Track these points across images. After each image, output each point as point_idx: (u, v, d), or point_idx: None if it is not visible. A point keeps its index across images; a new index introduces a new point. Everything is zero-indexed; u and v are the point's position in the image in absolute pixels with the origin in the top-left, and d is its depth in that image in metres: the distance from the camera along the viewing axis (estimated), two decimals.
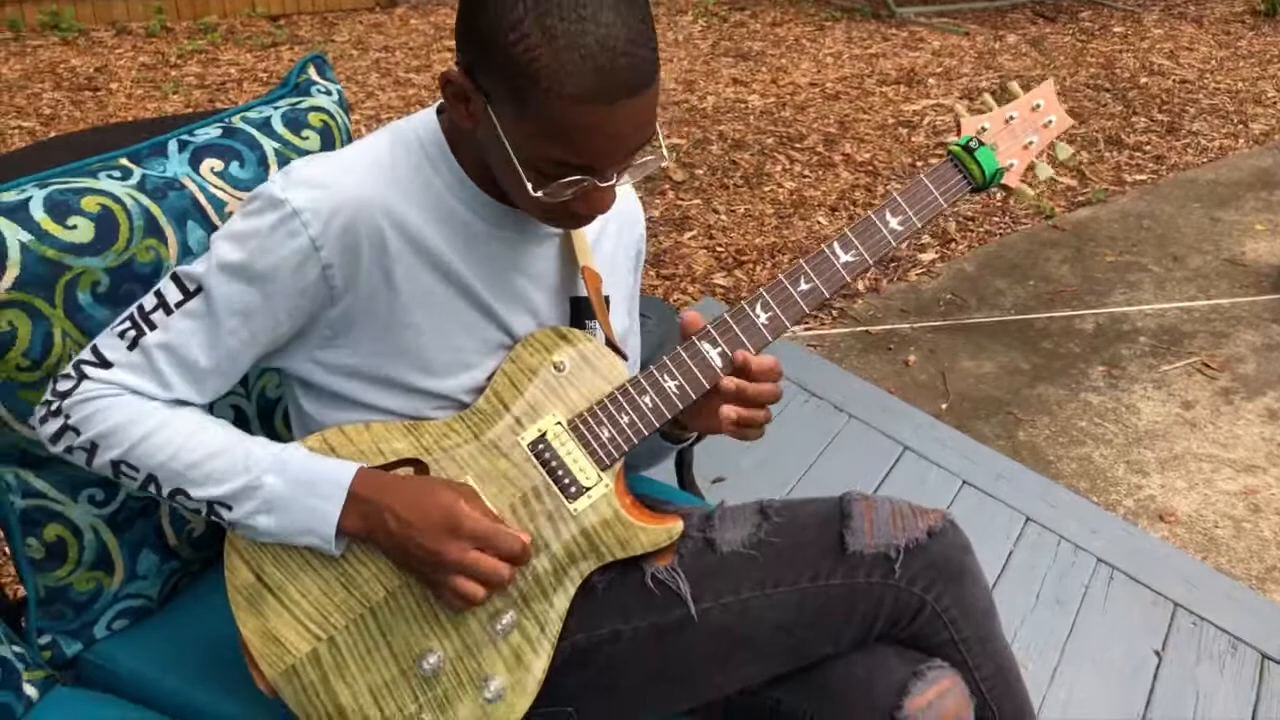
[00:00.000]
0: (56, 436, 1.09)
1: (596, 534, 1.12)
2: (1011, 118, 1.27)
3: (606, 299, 1.24)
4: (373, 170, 1.07)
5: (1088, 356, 3.20)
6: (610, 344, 1.17)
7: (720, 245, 3.70)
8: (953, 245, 3.81)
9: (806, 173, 4.28)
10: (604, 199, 1.03)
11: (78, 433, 1.08)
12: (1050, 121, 1.29)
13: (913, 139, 4.60)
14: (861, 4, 6.51)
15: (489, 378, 1.14)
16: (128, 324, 1.09)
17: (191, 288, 1.07)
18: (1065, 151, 1.32)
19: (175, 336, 1.07)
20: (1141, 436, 2.84)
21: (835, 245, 1.17)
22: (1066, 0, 6.83)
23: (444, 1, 6.59)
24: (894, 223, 1.18)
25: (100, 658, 1.30)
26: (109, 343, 1.09)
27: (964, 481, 2.38)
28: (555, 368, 1.13)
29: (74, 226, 1.17)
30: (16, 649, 1.23)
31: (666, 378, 1.13)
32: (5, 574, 1.39)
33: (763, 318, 1.14)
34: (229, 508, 1.07)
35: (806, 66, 5.46)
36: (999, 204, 4.08)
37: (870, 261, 1.17)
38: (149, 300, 1.09)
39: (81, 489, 1.23)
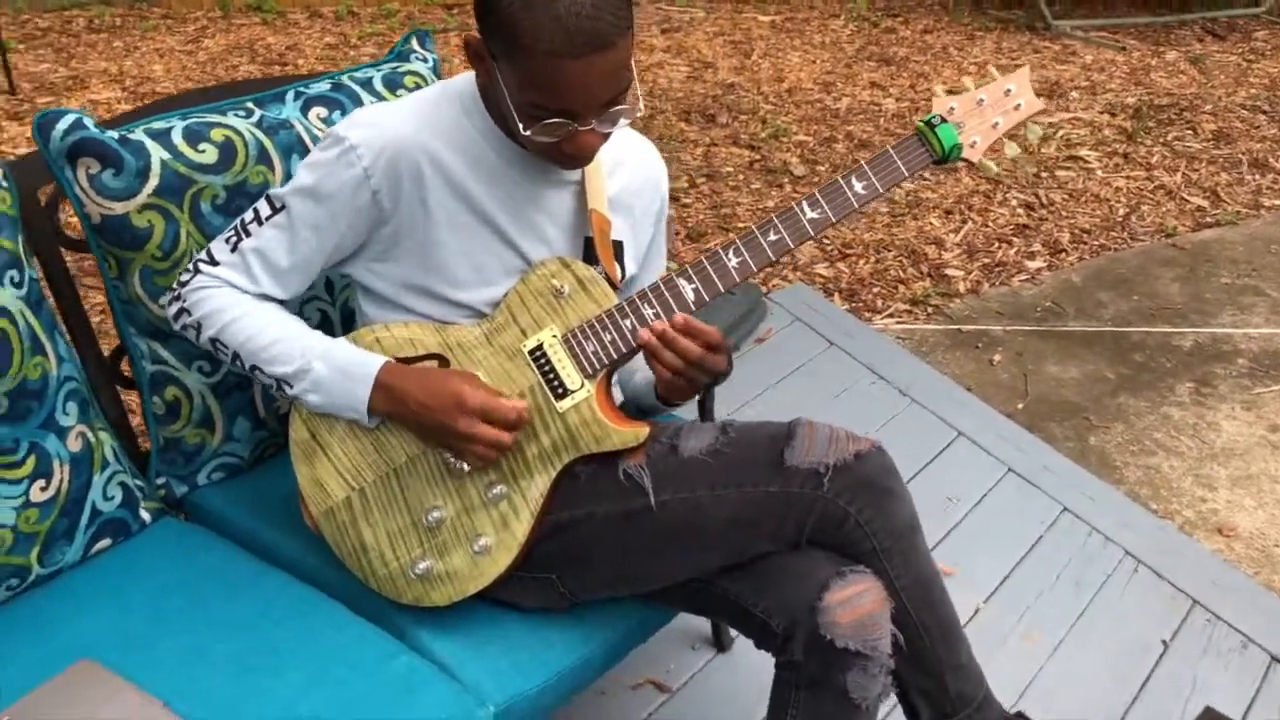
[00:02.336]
0: (177, 316, 1.41)
1: (577, 430, 1.35)
2: (981, 100, 1.42)
3: (618, 244, 1.47)
4: (418, 116, 1.34)
5: (1178, 373, 3.21)
6: (607, 277, 1.39)
7: (828, 238, 3.86)
8: (1062, 255, 3.85)
9: (927, 176, 4.37)
10: (586, 141, 1.26)
11: (190, 313, 1.39)
12: (1019, 105, 1.44)
13: (1041, 150, 4.62)
14: (1018, 15, 6.48)
15: (505, 294, 1.38)
16: (232, 233, 1.39)
17: (278, 205, 1.36)
18: (1035, 133, 1.47)
19: (264, 243, 1.37)
20: (1217, 453, 2.86)
21: (804, 204, 1.36)
22: (1242, 19, 6.60)
23: None
24: (858, 187, 1.37)
25: (200, 499, 1.62)
26: (218, 247, 1.40)
27: (1009, 469, 2.49)
28: (556, 291, 1.36)
29: (203, 150, 1.48)
30: (138, 483, 1.55)
31: (645, 306, 1.35)
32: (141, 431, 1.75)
33: (734, 261, 1.35)
34: (290, 385, 1.35)
35: (948, 74, 5.51)
36: (1119, 219, 4.07)
37: (833, 219, 1.36)
38: (248, 215, 1.39)
39: (194, 360, 1.54)
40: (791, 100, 5.12)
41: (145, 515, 1.54)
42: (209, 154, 1.48)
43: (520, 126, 1.24)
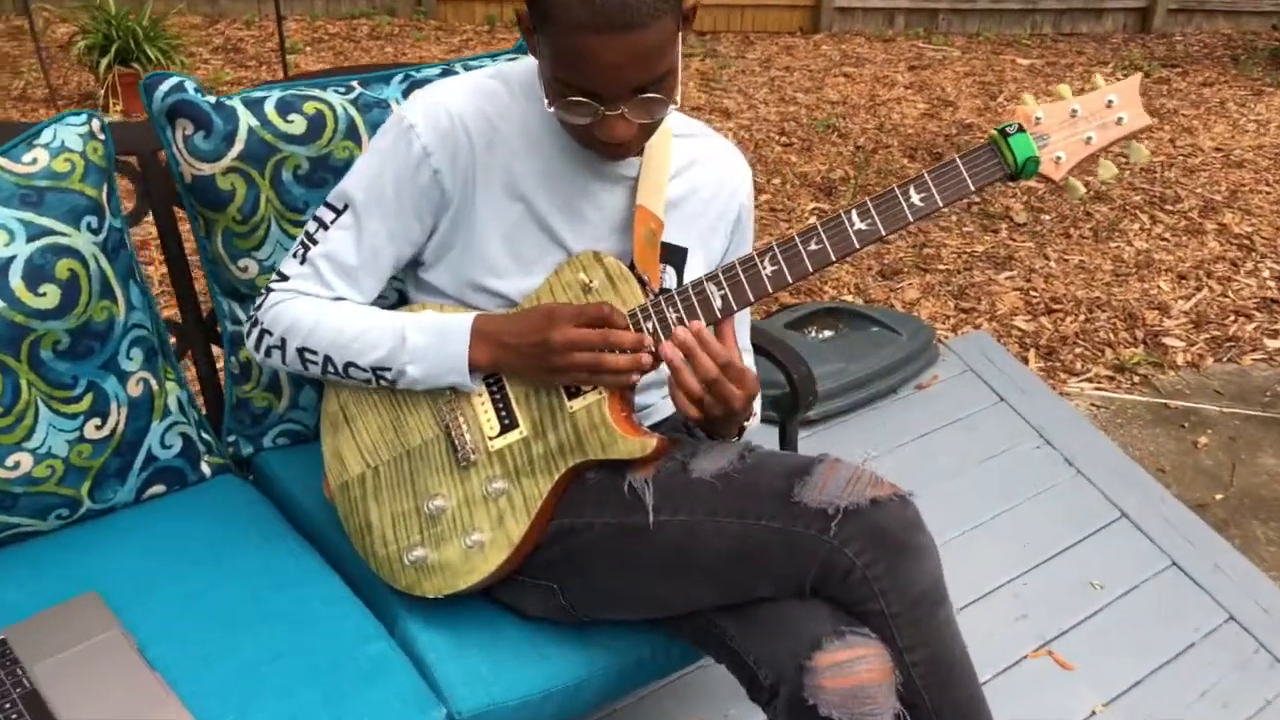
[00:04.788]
0: (258, 342, 1.38)
1: (584, 433, 1.27)
2: (1075, 110, 1.24)
3: (678, 249, 1.38)
4: (476, 95, 1.31)
5: None
6: (638, 275, 1.31)
7: (1035, 290, 3.55)
8: None
9: (1166, 236, 3.95)
10: (613, 127, 1.18)
11: (271, 333, 1.36)
12: (1121, 119, 1.24)
13: None
14: None
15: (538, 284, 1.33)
16: (298, 246, 1.37)
17: (340, 206, 1.35)
18: (1140, 154, 1.26)
19: (331, 246, 1.34)
20: None
21: (853, 213, 1.22)
22: None
23: (861, 30, 6.76)
24: (916, 198, 1.21)
25: (262, 461, 1.66)
26: (286, 263, 1.38)
27: (1172, 562, 2.18)
28: (585, 286, 1.29)
29: (292, 121, 1.52)
30: (205, 436, 1.61)
31: (670, 309, 1.25)
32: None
33: (768, 270, 1.23)
34: (388, 368, 1.31)
35: (1219, 130, 4.97)
36: None
37: (883, 232, 1.21)
38: (311, 225, 1.37)
39: None
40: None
41: (205, 469, 1.60)
42: (297, 124, 1.52)
43: (546, 102, 1.20)
